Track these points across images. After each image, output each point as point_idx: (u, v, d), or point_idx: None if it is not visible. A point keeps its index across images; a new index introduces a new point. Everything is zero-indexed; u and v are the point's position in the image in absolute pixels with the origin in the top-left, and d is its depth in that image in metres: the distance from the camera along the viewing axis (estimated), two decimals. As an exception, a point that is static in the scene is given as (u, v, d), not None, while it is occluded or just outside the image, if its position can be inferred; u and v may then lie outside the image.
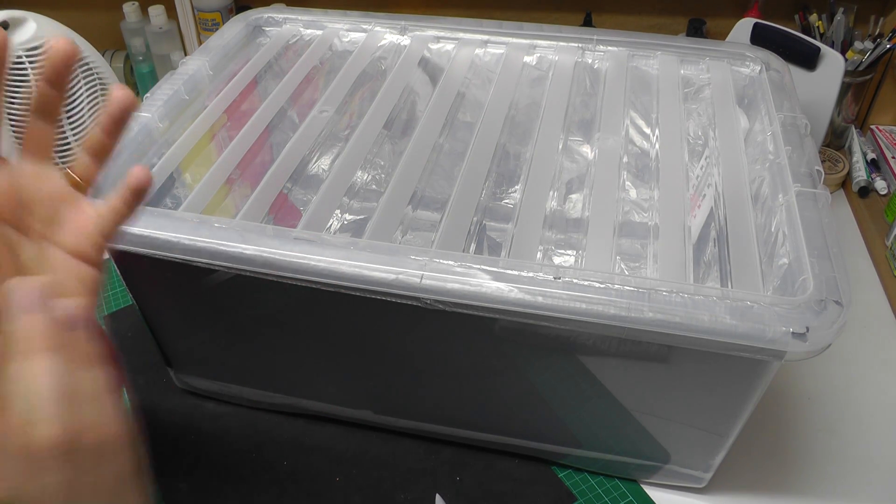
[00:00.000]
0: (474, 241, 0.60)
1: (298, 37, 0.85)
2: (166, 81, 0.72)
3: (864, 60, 0.95)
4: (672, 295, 0.48)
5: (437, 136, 0.69)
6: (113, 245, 0.41)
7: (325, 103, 0.73)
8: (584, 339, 0.54)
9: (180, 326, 0.67)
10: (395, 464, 0.67)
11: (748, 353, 0.48)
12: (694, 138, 0.73)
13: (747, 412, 0.55)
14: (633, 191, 0.73)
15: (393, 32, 0.83)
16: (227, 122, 0.73)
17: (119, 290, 0.85)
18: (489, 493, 0.64)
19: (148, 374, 0.75)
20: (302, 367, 0.66)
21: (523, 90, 0.77)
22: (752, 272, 0.54)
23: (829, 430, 0.70)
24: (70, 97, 0.82)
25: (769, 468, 0.67)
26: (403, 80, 0.77)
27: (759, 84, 0.73)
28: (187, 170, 0.67)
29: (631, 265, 0.73)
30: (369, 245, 0.52)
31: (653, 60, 0.78)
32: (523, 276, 0.50)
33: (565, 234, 0.69)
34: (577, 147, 0.76)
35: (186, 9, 1.10)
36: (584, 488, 0.65)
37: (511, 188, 0.77)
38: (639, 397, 0.57)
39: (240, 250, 0.53)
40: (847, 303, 0.48)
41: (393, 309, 0.52)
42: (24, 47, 0.79)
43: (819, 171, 0.59)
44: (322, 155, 0.74)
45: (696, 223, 0.65)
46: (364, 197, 0.74)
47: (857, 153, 1.01)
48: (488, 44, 0.82)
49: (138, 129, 0.65)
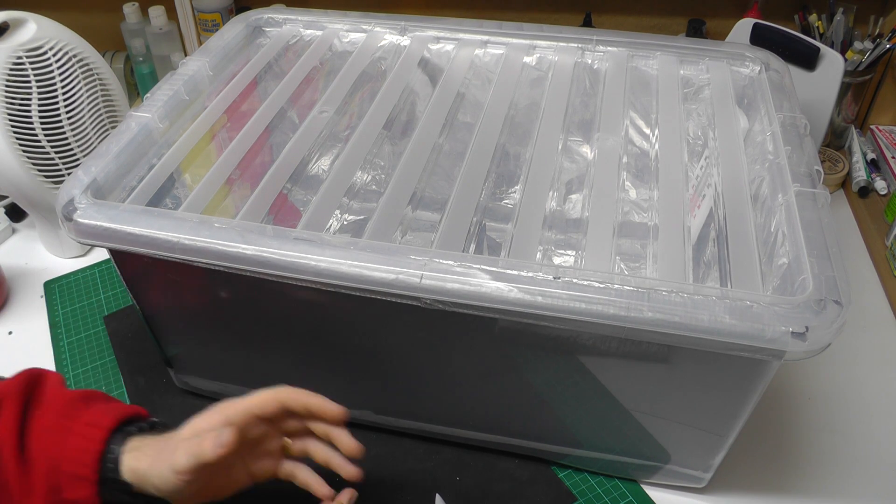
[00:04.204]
0: (474, 241, 0.60)
1: (298, 37, 0.85)
2: (166, 82, 0.72)
3: (863, 60, 0.95)
4: (672, 295, 0.48)
5: (437, 136, 0.69)
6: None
7: (324, 104, 0.73)
8: (584, 339, 0.54)
9: (180, 326, 0.67)
10: (395, 464, 0.67)
11: (748, 353, 0.48)
12: (694, 138, 0.73)
13: (747, 412, 0.55)
14: (633, 191, 0.73)
15: (393, 33, 0.83)
16: (227, 122, 0.73)
17: (119, 290, 0.85)
18: (489, 493, 0.64)
19: (148, 374, 0.75)
20: (302, 367, 0.66)
21: (523, 90, 0.77)
22: (751, 272, 0.54)
23: (829, 429, 0.70)
24: (70, 97, 0.82)
25: (769, 468, 0.67)
26: (403, 81, 0.77)
27: (758, 84, 0.73)
28: (187, 170, 0.67)
29: (631, 265, 0.73)
30: (369, 245, 0.52)
31: (652, 61, 0.78)
32: (523, 276, 0.50)
33: (565, 235, 0.69)
34: (576, 147, 0.76)
35: (186, 9, 1.10)
36: (584, 488, 0.65)
37: (511, 188, 0.77)
38: (639, 397, 0.57)
39: (240, 250, 0.53)
40: (847, 302, 0.48)
41: (393, 309, 0.52)
42: (24, 47, 0.79)
43: (819, 171, 0.59)
44: (322, 155, 0.74)
45: (695, 223, 0.65)
46: (364, 197, 0.74)
47: (856, 153, 1.01)
48: (488, 44, 0.82)
49: (138, 129, 0.65)
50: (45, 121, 0.80)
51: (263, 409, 0.54)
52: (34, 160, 0.80)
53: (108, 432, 0.52)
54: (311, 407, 0.54)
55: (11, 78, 0.78)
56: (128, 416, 0.55)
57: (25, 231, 0.95)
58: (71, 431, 0.52)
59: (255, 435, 0.55)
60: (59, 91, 0.81)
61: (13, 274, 0.88)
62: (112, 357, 0.78)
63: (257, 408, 0.54)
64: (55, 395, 0.55)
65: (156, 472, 0.51)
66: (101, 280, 0.87)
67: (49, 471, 0.51)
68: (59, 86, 0.81)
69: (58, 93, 0.81)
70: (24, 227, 0.96)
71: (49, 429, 0.52)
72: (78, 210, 0.56)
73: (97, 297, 0.85)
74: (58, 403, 0.54)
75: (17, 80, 0.79)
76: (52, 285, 0.87)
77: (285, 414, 0.55)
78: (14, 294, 0.86)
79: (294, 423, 0.56)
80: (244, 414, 0.53)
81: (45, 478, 0.51)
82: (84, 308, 0.84)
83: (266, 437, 0.56)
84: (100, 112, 0.86)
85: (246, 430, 0.54)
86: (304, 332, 0.62)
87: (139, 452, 0.52)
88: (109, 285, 0.86)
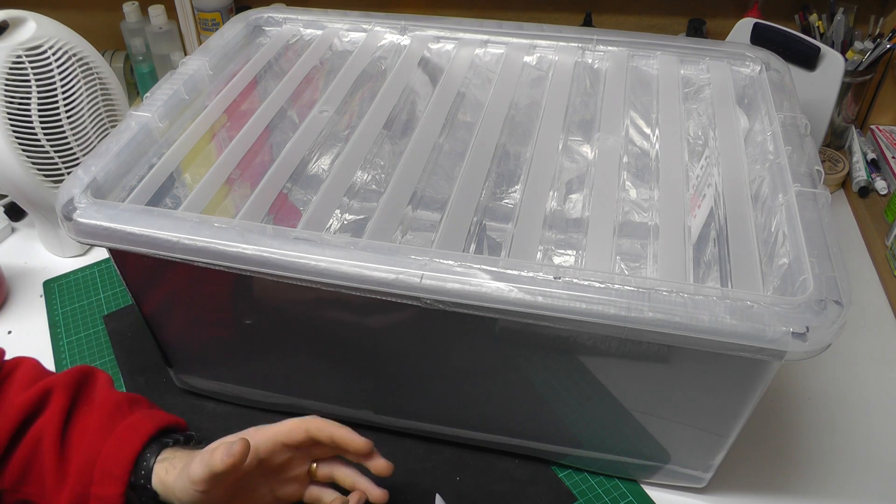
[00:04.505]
0: (474, 241, 0.60)
1: (298, 37, 0.85)
2: (166, 81, 0.72)
3: (864, 60, 0.95)
4: (672, 295, 0.48)
5: (437, 136, 0.69)
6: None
7: (325, 103, 0.73)
8: (584, 339, 0.54)
9: (180, 326, 0.67)
10: (395, 464, 0.66)
11: (748, 353, 0.47)
12: (694, 138, 0.73)
13: (747, 412, 0.55)
14: (633, 191, 0.73)
15: (393, 32, 0.83)
16: (227, 122, 0.73)
17: (119, 290, 0.85)
18: (489, 493, 0.64)
19: (148, 374, 0.75)
20: (302, 367, 0.66)
21: (523, 90, 0.77)
22: (752, 272, 0.54)
23: (829, 429, 0.70)
24: (70, 96, 0.82)
25: (769, 468, 0.67)
26: (403, 80, 0.77)
27: (759, 84, 0.73)
28: (187, 170, 0.67)
29: (631, 265, 0.73)
30: (369, 245, 0.52)
31: (653, 60, 0.78)
32: (523, 276, 0.50)
33: (565, 234, 0.69)
34: (577, 147, 0.76)
35: (186, 9, 1.10)
36: (584, 488, 0.65)
37: (511, 188, 0.76)
38: (639, 397, 0.57)
39: (240, 250, 0.53)
40: (847, 303, 0.48)
41: (393, 309, 0.52)
42: (24, 46, 0.79)
43: (819, 170, 0.59)
44: (322, 155, 0.74)
45: (696, 223, 0.65)
46: (364, 197, 0.74)
47: (857, 153, 1.01)
48: (488, 44, 0.82)
49: (138, 128, 0.65)
50: (45, 120, 0.80)
51: (290, 438, 0.55)
52: (34, 159, 0.80)
53: (147, 437, 0.55)
54: (337, 439, 0.55)
55: (11, 77, 0.78)
56: (168, 424, 0.57)
57: (25, 230, 0.95)
58: (112, 432, 0.54)
59: (280, 461, 0.56)
60: (58, 90, 0.81)
61: (12, 273, 0.88)
62: (112, 357, 0.78)
63: (284, 436, 0.55)
64: (104, 396, 0.57)
65: (179, 485, 0.52)
66: (101, 279, 0.87)
67: (84, 464, 0.53)
68: (59, 85, 0.81)
69: (57, 92, 0.81)
70: (24, 226, 0.96)
71: (92, 427, 0.55)
72: (77, 209, 0.56)
73: (97, 296, 0.85)
74: (105, 404, 0.56)
75: (17, 80, 0.79)
76: (51, 285, 0.87)
77: (312, 442, 0.56)
78: (13, 293, 0.86)
79: (320, 449, 0.57)
80: (271, 441, 0.55)
81: (78, 470, 0.53)
82: (84, 307, 0.84)
83: (292, 461, 0.57)
84: (99, 111, 0.86)
85: (272, 456, 0.55)
86: (303, 331, 0.62)
87: (168, 464, 0.54)
88: (109, 285, 0.86)
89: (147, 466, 0.54)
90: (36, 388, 0.55)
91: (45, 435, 0.54)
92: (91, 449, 0.54)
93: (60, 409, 0.55)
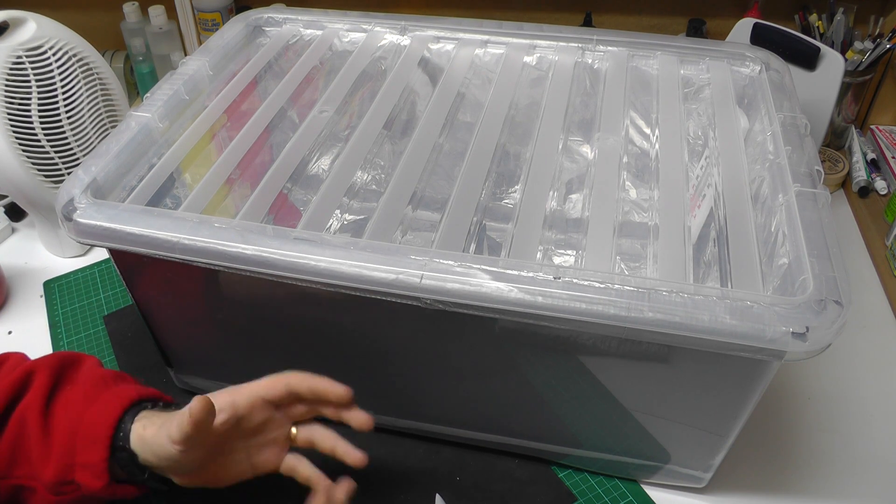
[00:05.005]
0: (474, 241, 0.60)
1: (298, 37, 0.85)
2: (166, 81, 0.72)
3: (863, 60, 0.95)
4: (672, 295, 0.48)
5: (437, 136, 0.69)
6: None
7: (325, 103, 0.73)
8: (584, 339, 0.54)
9: (180, 326, 0.67)
10: (395, 464, 0.67)
11: (748, 353, 0.47)
12: (694, 138, 0.73)
13: (747, 412, 0.55)
14: (633, 191, 0.73)
15: (393, 32, 0.83)
16: (227, 122, 0.73)
17: (119, 290, 0.85)
18: (489, 493, 0.64)
19: (148, 374, 0.75)
20: (301, 368, 0.65)
21: (523, 90, 0.77)
22: (751, 272, 0.54)
23: (829, 429, 0.70)
24: (70, 97, 0.82)
25: (769, 468, 0.67)
26: (403, 81, 0.77)
27: (758, 84, 0.73)
28: (187, 170, 0.67)
29: (631, 265, 0.73)
30: (369, 245, 0.52)
31: (653, 60, 0.78)
32: (523, 276, 0.50)
33: (565, 234, 0.69)
34: (576, 147, 0.76)
35: (186, 9, 1.10)
36: (584, 488, 0.65)
37: (511, 188, 0.76)
38: (639, 397, 0.57)
39: (240, 250, 0.53)
40: (847, 303, 0.48)
41: (393, 309, 0.52)
42: (24, 47, 0.79)
43: (819, 170, 0.59)
44: (322, 155, 0.74)
45: (696, 223, 0.65)
46: (364, 197, 0.74)
47: (857, 153, 1.01)
48: (488, 44, 0.82)
49: (138, 128, 0.65)
50: (45, 120, 0.80)
51: (270, 392, 0.55)
52: (34, 160, 0.80)
53: (128, 402, 0.55)
54: (318, 389, 0.55)
55: (11, 77, 0.78)
56: (150, 395, 0.57)
57: (25, 230, 0.95)
58: (94, 402, 0.54)
59: (260, 419, 0.55)
60: (58, 90, 0.81)
61: (13, 273, 0.88)
62: (112, 357, 0.78)
63: (264, 390, 0.55)
64: (88, 374, 0.57)
65: (157, 441, 0.52)
66: (101, 280, 0.87)
67: (68, 434, 0.53)
68: (59, 85, 0.81)
69: (57, 92, 0.81)
70: (24, 226, 0.96)
71: (74, 400, 0.55)
72: (78, 210, 0.56)
73: (97, 296, 0.85)
74: (89, 380, 0.57)
75: (17, 80, 0.79)
76: (51, 285, 0.87)
77: (292, 399, 0.56)
78: (14, 294, 0.86)
79: (301, 408, 0.57)
80: (251, 395, 0.54)
81: (62, 441, 0.53)
82: (84, 307, 0.84)
83: (271, 423, 0.56)
84: (99, 111, 0.86)
85: (252, 414, 0.55)
86: (303, 332, 0.62)
87: (147, 421, 0.54)
88: (109, 285, 0.86)
89: (125, 428, 0.53)
90: (18, 371, 0.55)
91: (29, 413, 0.53)
92: (74, 420, 0.53)
93: (43, 386, 0.54)
